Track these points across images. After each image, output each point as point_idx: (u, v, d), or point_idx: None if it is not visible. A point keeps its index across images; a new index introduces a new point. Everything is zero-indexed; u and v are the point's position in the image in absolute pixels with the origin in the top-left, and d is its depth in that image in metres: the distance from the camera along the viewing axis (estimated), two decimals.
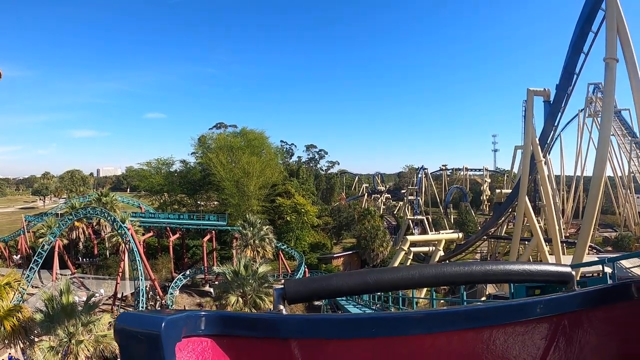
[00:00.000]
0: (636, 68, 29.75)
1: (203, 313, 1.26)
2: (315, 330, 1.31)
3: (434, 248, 56.60)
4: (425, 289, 27.71)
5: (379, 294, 26.57)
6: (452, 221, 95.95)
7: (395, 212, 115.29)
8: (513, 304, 1.47)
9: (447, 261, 62.31)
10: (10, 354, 29.02)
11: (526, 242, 49.97)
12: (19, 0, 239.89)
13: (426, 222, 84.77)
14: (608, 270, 8.38)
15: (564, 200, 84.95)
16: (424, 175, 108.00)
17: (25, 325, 26.54)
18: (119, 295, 47.45)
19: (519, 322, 1.43)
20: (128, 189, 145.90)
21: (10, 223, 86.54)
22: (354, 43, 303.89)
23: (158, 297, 47.18)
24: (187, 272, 55.92)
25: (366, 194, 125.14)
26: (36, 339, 27.39)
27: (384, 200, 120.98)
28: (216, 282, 49.96)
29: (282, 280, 43.33)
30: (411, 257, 54.96)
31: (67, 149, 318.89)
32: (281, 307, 1.34)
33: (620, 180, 77.72)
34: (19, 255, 64.14)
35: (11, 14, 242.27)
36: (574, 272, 1.57)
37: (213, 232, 60.25)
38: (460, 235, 63.42)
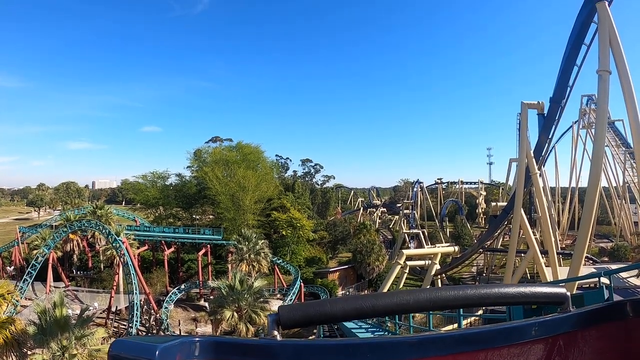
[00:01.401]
0: (629, 79, 30.01)
1: (197, 339, 1.24)
2: (310, 357, 1.29)
3: (430, 262, 56.25)
4: None
5: None
6: (448, 234, 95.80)
7: (391, 226, 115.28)
8: (508, 327, 1.47)
9: (444, 274, 62.46)
10: None
11: (522, 255, 49.92)
12: (17, 12, 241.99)
13: (422, 236, 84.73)
14: (605, 281, 8.41)
15: (559, 211, 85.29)
16: (419, 189, 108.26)
17: (18, 337, 26.23)
18: (113, 309, 46.88)
19: (514, 344, 1.42)
20: (123, 202, 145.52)
21: (4, 234, 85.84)
22: (349, 56, 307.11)
23: (152, 311, 46.70)
24: (182, 286, 55.47)
25: (362, 208, 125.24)
26: (29, 352, 27.08)
27: (379, 214, 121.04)
28: (211, 297, 49.57)
29: (277, 295, 43.19)
30: (407, 271, 54.69)
31: (63, 161, 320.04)
32: (275, 332, 1.32)
33: (615, 191, 78.22)
34: (12, 267, 63.50)
35: (9, 25, 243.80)
36: (569, 293, 1.57)
37: (208, 246, 60.02)
38: (457, 248, 63.30)
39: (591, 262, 58.02)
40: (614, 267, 42.80)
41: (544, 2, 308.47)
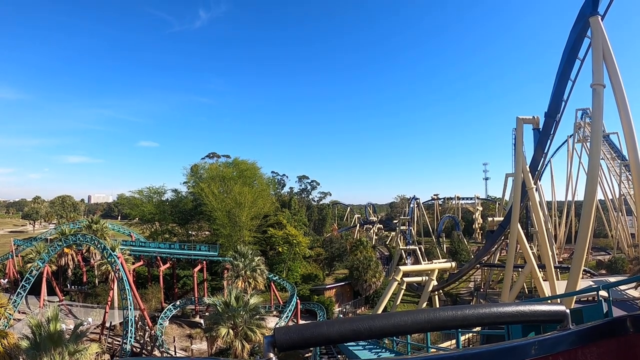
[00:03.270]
0: (623, 92, 30.19)
1: None
2: None
3: (427, 278, 55.96)
4: None
5: None
6: (445, 250, 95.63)
7: (387, 243, 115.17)
8: (507, 346, 1.45)
9: (441, 290, 62.11)
10: None
11: (520, 269, 49.75)
12: (17, 23, 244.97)
13: (419, 252, 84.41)
14: (604, 294, 8.32)
15: (556, 225, 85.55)
16: (415, 205, 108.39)
17: (10, 351, 25.89)
18: (108, 325, 46.29)
19: None
20: (119, 217, 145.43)
21: None
22: (347, 76, 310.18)
23: (147, 327, 46.20)
24: (177, 303, 55.01)
25: (358, 225, 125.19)
26: None
27: (376, 230, 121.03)
28: (207, 313, 49.16)
29: (274, 312, 42.79)
30: (404, 287, 54.35)
31: (60, 174, 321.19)
32: (271, 355, 1.31)
33: (612, 203, 78.53)
34: (6, 280, 63.05)
35: (9, 36, 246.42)
36: (568, 310, 1.57)
37: (204, 262, 59.57)
38: (454, 264, 63.02)
39: (589, 275, 57.83)
40: (611, 279, 42.79)
41: (539, 24, 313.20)
